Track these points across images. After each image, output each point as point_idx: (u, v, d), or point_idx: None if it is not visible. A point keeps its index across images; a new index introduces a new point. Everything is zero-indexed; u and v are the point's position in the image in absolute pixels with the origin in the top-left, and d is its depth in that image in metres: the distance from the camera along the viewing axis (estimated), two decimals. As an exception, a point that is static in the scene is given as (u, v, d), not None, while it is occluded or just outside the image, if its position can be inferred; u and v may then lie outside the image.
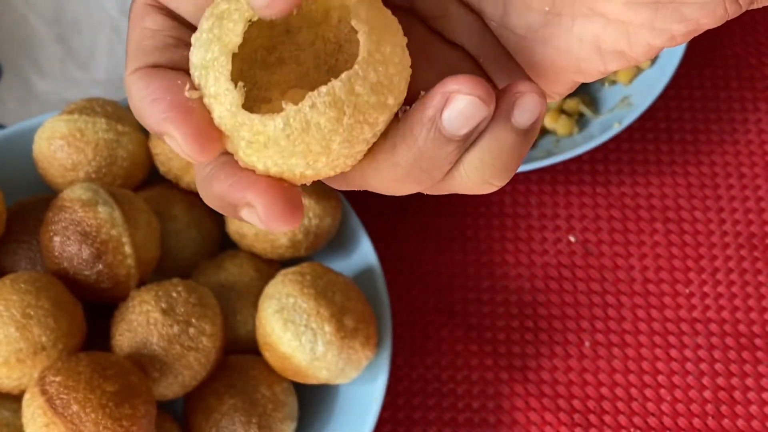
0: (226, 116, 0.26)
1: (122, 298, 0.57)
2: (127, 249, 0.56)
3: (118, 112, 0.62)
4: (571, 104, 0.74)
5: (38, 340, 0.52)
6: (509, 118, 0.27)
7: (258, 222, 0.27)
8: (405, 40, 0.27)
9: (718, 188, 0.72)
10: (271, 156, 0.26)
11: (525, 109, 0.27)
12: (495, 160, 0.27)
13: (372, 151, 0.28)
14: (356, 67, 0.26)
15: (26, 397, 0.51)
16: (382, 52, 0.26)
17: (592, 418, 0.64)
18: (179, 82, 0.27)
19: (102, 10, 0.79)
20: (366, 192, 0.30)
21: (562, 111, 0.73)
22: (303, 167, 0.26)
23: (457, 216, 0.71)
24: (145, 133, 0.63)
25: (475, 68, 0.31)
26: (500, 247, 0.70)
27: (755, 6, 0.27)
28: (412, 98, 0.28)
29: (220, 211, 0.29)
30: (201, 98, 0.26)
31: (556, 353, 0.66)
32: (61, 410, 0.49)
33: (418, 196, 0.76)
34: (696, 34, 0.28)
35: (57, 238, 0.55)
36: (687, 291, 0.68)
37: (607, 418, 0.64)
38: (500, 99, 0.27)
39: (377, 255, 0.63)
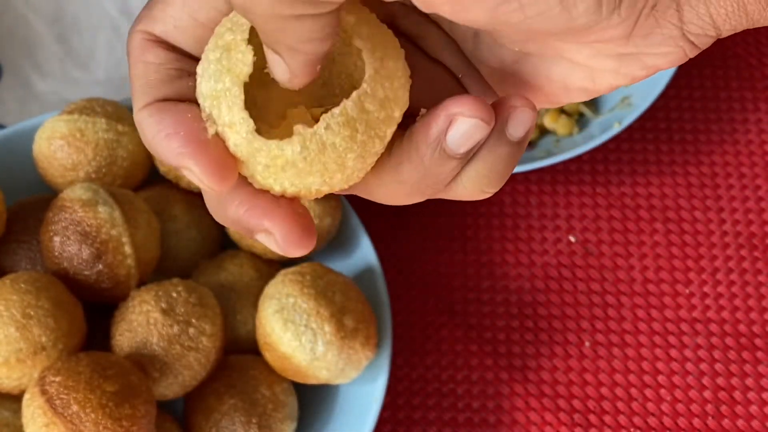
0: (242, 144, 0.27)
1: (122, 298, 0.57)
2: (127, 249, 0.56)
3: (118, 112, 0.62)
4: (571, 104, 0.74)
5: (38, 340, 0.52)
6: (504, 132, 0.28)
7: (275, 247, 0.28)
8: (403, 52, 0.28)
9: (718, 188, 0.72)
10: (289, 177, 0.27)
11: (519, 123, 0.28)
12: (491, 171, 0.29)
13: (377, 168, 0.29)
14: (364, 85, 0.27)
15: (26, 397, 0.51)
16: (386, 68, 0.27)
17: (592, 418, 0.64)
18: (190, 115, 0.28)
19: (102, 10, 0.79)
20: (366, 192, 0.31)
21: (562, 111, 0.73)
22: (319, 184, 0.28)
23: (457, 216, 0.71)
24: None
25: (456, 84, 0.32)
26: (500, 247, 0.70)
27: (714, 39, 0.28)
28: (409, 112, 0.29)
29: (234, 230, 0.30)
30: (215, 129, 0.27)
31: (556, 353, 0.66)
32: (61, 410, 0.49)
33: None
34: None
35: (57, 238, 0.55)
36: (687, 291, 0.68)
37: (607, 418, 0.64)
38: (495, 113, 0.28)
39: (377, 255, 0.63)
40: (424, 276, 0.69)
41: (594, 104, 0.75)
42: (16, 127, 0.65)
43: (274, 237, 0.28)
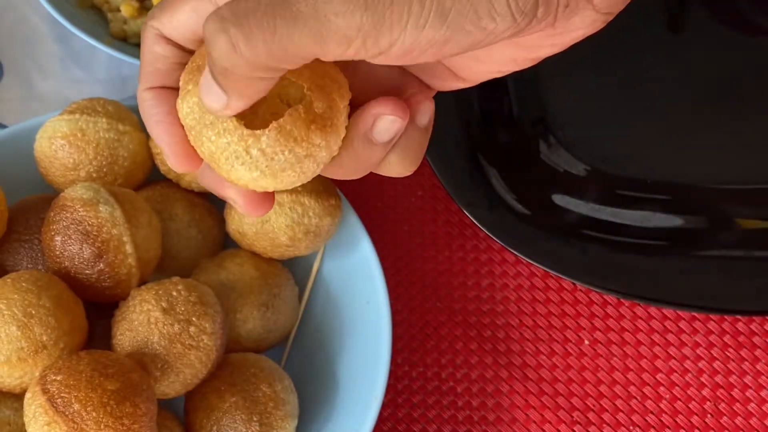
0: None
1: (123, 297, 0.57)
2: (128, 248, 0.56)
3: (120, 112, 0.62)
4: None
5: (39, 338, 0.52)
6: (414, 122, 0.38)
7: (238, 209, 0.40)
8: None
9: (717, 187, 0.72)
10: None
11: (424, 113, 0.38)
12: (408, 152, 0.38)
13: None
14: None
15: (27, 395, 0.52)
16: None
17: (592, 416, 0.64)
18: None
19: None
20: (366, 191, 0.35)
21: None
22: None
23: (456, 215, 0.71)
24: (146, 133, 0.63)
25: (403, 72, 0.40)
26: (500, 245, 0.70)
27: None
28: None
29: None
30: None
31: (555, 351, 0.66)
32: (62, 409, 0.49)
33: (419, 196, 0.75)
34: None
35: (58, 238, 0.55)
36: (686, 289, 0.68)
37: (606, 416, 0.64)
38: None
39: (377, 255, 0.64)
40: (424, 275, 0.69)
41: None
42: (17, 126, 0.65)
43: (237, 204, 0.39)
